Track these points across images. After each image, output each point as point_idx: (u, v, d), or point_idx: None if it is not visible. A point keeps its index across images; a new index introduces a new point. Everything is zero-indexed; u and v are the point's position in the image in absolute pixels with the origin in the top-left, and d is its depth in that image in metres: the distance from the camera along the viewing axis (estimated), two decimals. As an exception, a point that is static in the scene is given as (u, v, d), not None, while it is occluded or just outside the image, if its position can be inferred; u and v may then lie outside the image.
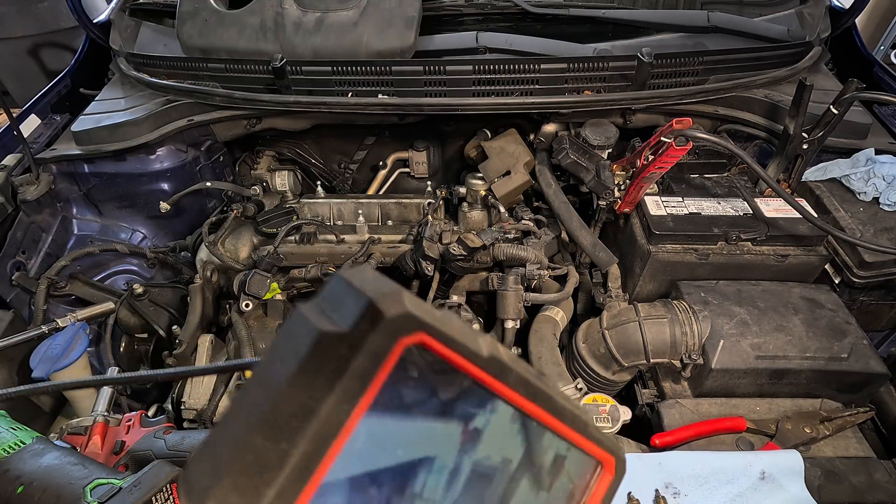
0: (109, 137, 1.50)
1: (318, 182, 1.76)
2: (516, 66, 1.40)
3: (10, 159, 1.48)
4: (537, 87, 1.42)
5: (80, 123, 1.53)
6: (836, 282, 1.27)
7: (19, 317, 1.29)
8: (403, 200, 1.62)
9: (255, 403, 0.23)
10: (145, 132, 1.51)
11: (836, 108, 1.24)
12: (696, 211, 1.29)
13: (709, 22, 1.60)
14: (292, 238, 1.49)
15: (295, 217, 1.52)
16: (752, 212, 1.28)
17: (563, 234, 1.47)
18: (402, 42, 1.47)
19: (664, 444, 1.03)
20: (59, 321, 1.23)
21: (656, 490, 0.91)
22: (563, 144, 1.39)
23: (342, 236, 1.50)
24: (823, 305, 1.17)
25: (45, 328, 1.21)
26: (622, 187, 1.33)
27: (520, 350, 1.33)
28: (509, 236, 1.42)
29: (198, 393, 1.19)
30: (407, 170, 1.83)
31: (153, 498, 0.65)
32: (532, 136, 1.60)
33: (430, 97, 1.42)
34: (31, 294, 1.38)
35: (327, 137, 1.81)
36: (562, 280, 1.40)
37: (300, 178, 1.81)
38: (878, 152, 1.34)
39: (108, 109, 1.57)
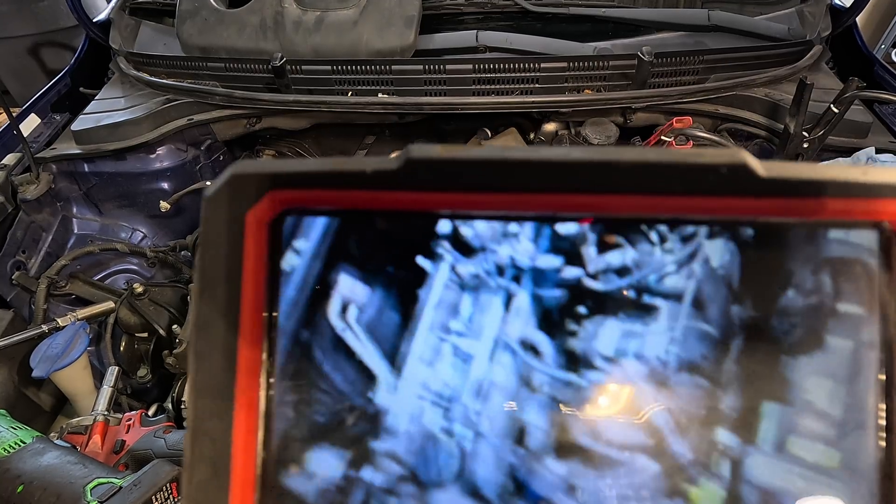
0: (109, 137, 1.50)
1: (319, 181, 1.76)
2: (516, 65, 1.40)
3: (9, 158, 1.48)
4: (537, 86, 1.41)
5: (80, 123, 1.53)
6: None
7: (19, 316, 1.29)
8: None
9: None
10: (145, 131, 1.51)
11: (836, 107, 1.23)
12: (696, 210, 1.29)
13: (709, 21, 1.60)
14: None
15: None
16: (752, 211, 1.28)
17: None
18: (402, 41, 1.47)
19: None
20: (59, 320, 1.23)
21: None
22: (563, 144, 1.39)
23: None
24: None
25: (45, 327, 1.21)
26: (622, 186, 1.33)
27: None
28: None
29: (198, 392, 1.19)
30: (407, 169, 1.82)
31: (153, 497, 0.65)
32: (532, 136, 1.60)
33: (430, 96, 1.42)
34: (31, 293, 1.38)
35: (327, 136, 1.81)
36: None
37: (300, 177, 1.80)
38: (878, 151, 1.34)
39: (107, 109, 1.57)
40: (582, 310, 0.26)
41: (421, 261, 0.25)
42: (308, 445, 0.26)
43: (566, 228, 0.25)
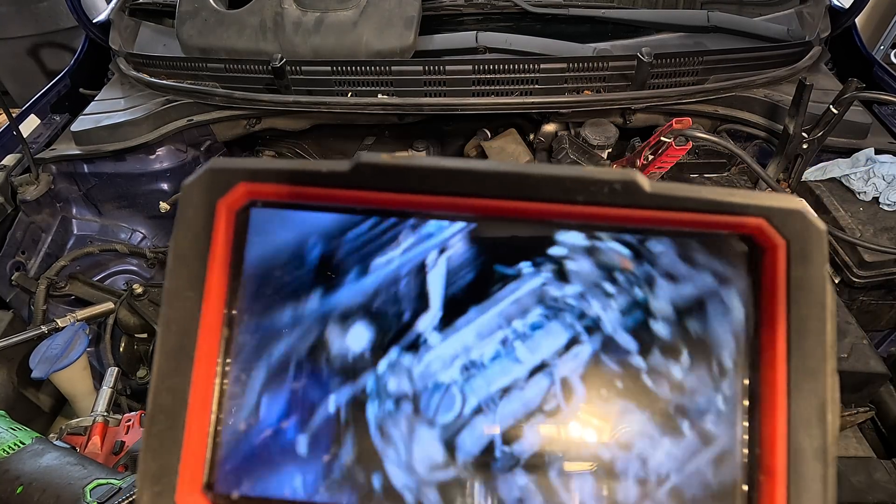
0: (109, 137, 1.50)
1: (318, 182, 1.75)
2: (516, 66, 1.40)
3: (9, 159, 1.48)
4: (537, 86, 1.41)
5: (80, 123, 1.53)
6: (836, 281, 1.27)
7: (19, 317, 1.29)
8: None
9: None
10: (145, 132, 1.51)
11: (835, 108, 1.23)
12: (695, 211, 1.29)
13: (708, 21, 1.60)
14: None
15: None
16: (751, 211, 1.27)
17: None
18: (402, 42, 1.47)
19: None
20: (58, 321, 1.23)
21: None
22: (562, 144, 1.39)
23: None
24: (823, 305, 1.17)
25: (44, 328, 1.21)
26: (622, 187, 1.33)
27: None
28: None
29: (197, 393, 1.19)
30: (407, 170, 1.82)
31: (153, 498, 0.65)
32: (532, 136, 1.60)
33: (429, 97, 1.42)
34: (30, 294, 1.38)
35: (327, 137, 1.81)
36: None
37: (300, 178, 1.80)
38: (877, 152, 1.34)
39: (107, 109, 1.57)
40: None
41: (524, 265, 0.29)
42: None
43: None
